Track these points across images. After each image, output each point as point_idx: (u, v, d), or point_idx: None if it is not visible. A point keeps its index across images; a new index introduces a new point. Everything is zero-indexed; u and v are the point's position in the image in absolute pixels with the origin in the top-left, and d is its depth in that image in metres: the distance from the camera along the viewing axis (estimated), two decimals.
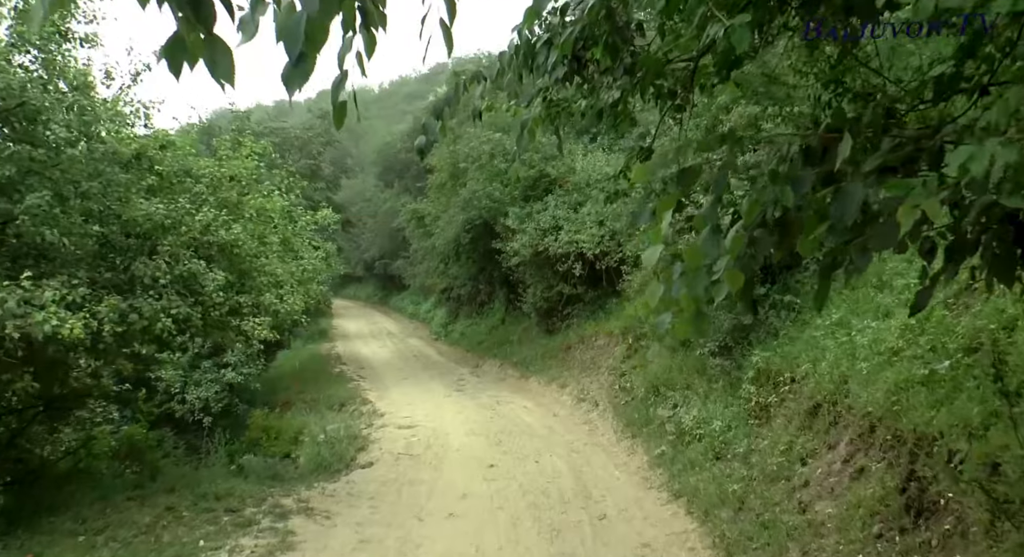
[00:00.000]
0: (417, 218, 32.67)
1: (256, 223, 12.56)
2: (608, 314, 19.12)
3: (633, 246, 14.72)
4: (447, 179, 26.10)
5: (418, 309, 44.60)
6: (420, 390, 19.20)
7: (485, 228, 23.97)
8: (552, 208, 19.54)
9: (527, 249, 19.36)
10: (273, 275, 12.34)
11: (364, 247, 55.74)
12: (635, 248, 13.56)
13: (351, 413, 16.79)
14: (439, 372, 22.73)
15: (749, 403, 9.62)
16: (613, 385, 15.62)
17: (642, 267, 13.54)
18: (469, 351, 27.37)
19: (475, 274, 27.98)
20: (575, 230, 18.79)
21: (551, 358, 20.12)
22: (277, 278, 12.59)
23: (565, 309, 20.65)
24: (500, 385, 19.99)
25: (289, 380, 21.33)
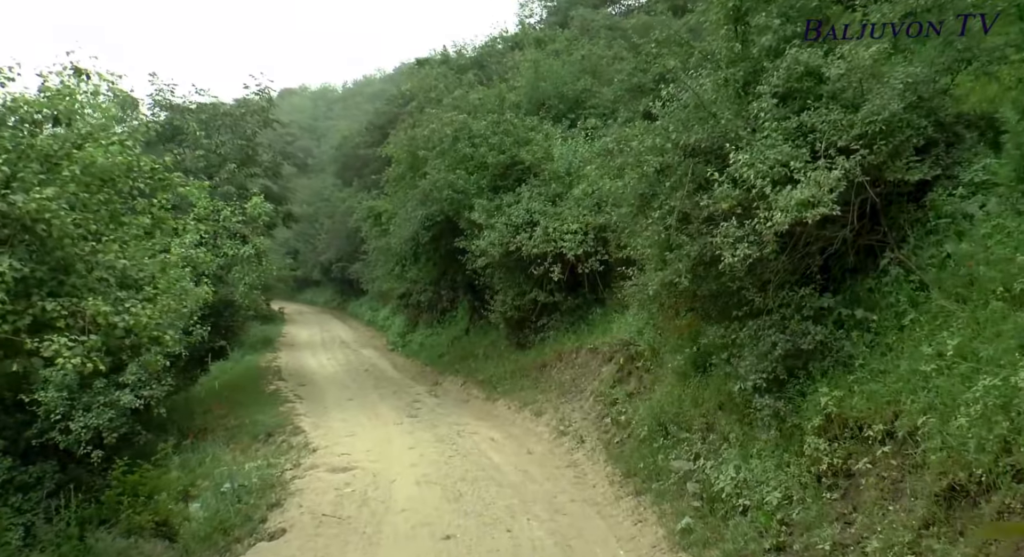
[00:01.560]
0: (374, 216, 29.59)
1: (86, 186, 8.77)
2: (591, 326, 16.20)
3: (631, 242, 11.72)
4: (405, 170, 23.06)
5: (376, 316, 41.57)
6: (367, 414, 16.09)
7: (447, 225, 20.95)
8: (526, 200, 16.58)
9: (496, 248, 16.37)
10: (115, 270, 8.63)
11: (321, 249, 52.62)
12: (633, 245, 10.64)
13: (277, 447, 13.63)
14: (392, 390, 19.62)
15: (818, 464, 6.70)
16: (602, 416, 12.67)
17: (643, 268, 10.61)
18: (428, 365, 24.31)
19: (436, 278, 24.94)
20: (553, 226, 15.84)
21: (523, 377, 17.13)
22: (124, 275, 8.99)
23: (540, 319, 17.68)
24: (463, 409, 16.95)
25: (214, 400, 18.10)
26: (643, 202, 8.90)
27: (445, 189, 18.07)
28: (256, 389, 19.29)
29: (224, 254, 15.61)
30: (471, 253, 18.06)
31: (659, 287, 8.19)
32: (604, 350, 14.58)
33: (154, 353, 10.22)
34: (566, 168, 16.93)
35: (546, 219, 15.95)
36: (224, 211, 15.49)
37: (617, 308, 16.15)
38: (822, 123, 7.48)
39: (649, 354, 12.36)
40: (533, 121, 19.11)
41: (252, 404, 17.23)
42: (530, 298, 17.28)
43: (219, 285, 16.38)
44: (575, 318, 17.12)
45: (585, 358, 15.35)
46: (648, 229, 8.60)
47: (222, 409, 16.75)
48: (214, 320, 16.80)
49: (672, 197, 8.31)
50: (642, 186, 8.82)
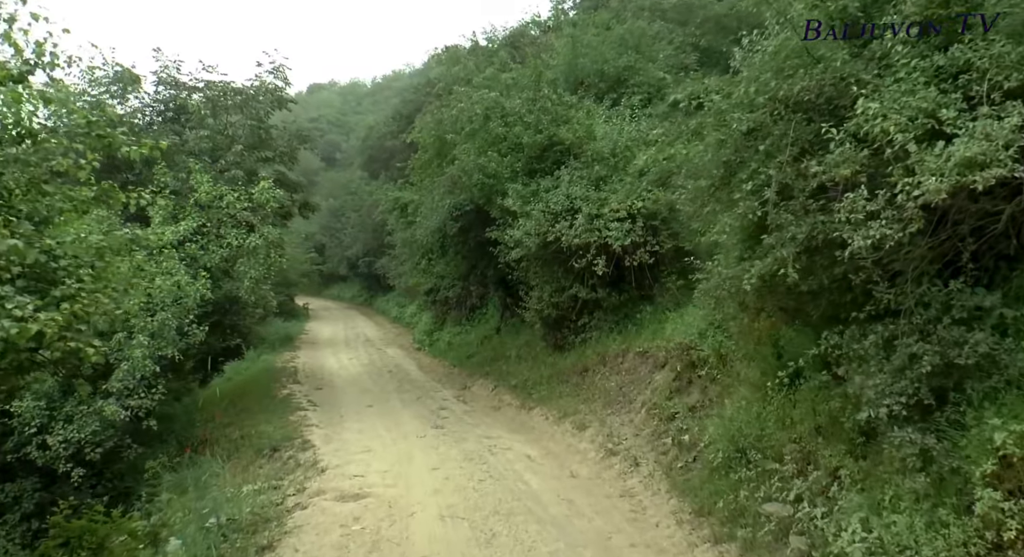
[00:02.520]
0: (399, 207, 27.95)
1: None
2: (639, 327, 14.32)
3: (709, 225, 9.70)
4: (432, 157, 21.29)
5: (402, 312, 39.99)
6: (386, 425, 14.32)
7: (477, 215, 19.20)
8: (566, 185, 14.70)
9: (532, 239, 14.52)
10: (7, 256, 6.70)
11: (347, 243, 51.19)
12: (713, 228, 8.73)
13: (282, 464, 11.93)
14: (416, 396, 17.86)
15: (997, 529, 4.79)
16: (659, 433, 10.81)
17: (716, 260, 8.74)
18: (456, 366, 22.54)
19: (465, 272, 23.19)
20: (597, 213, 13.97)
21: (561, 383, 15.29)
22: (31, 264, 7.11)
23: (580, 318, 15.81)
24: (494, 418, 15.15)
25: (218, 407, 16.47)
26: (727, 173, 7.01)
27: (475, 174, 16.24)
28: (267, 393, 17.63)
29: (228, 244, 13.93)
30: (503, 244, 16.26)
31: (756, 280, 6.25)
32: (656, 354, 12.73)
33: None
34: (611, 149, 15.03)
35: (589, 205, 14.08)
36: (227, 196, 13.81)
37: (669, 306, 14.29)
38: (981, 60, 5.54)
39: (715, 361, 10.48)
40: (572, 99, 17.20)
41: (260, 411, 15.55)
42: (570, 294, 15.43)
43: (225, 280, 14.70)
44: (620, 317, 15.25)
45: (633, 363, 13.50)
46: (736, 206, 6.67)
47: (227, 417, 15.11)
48: (217, 318, 15.14)
49: (767, 164, 6.42)
50: (726, 152, 6.92)
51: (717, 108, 6.96)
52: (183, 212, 14.17)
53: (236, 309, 15.33)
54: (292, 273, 35.23)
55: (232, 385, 20.48)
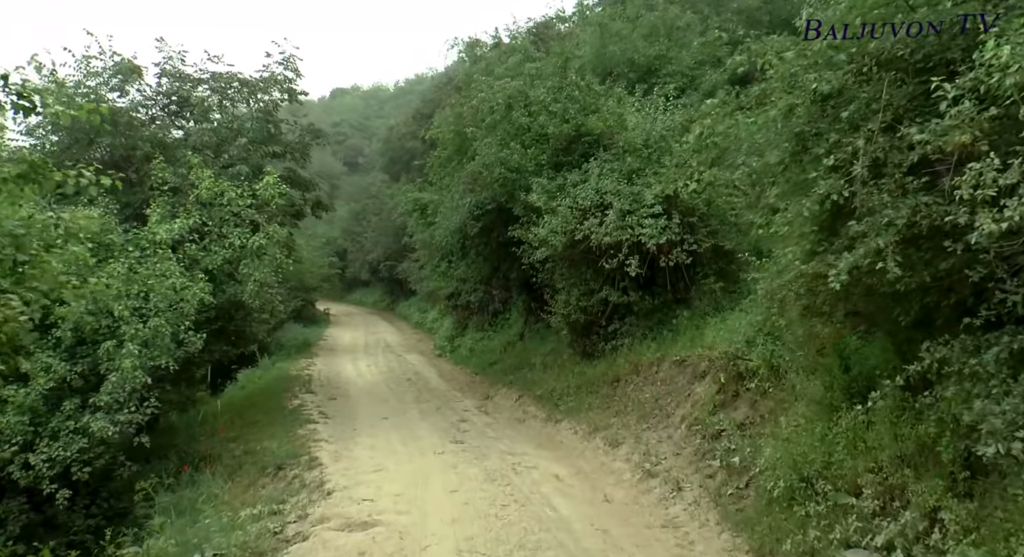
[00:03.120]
0: (419, 209, 26.92)
1: None
2: (676, 333, 13.14)
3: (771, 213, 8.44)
4: (452, 154, 20.23)
5: (424, 318, 39.06)
6: (402, 439, 13.23)
7: (499, 214, 18.08)
8: (595, 178, 13.54)
9: (558, 237, 13.38)
10: None
11: (368, 247, 50.40)
12: (759, 226, 7.55)
13: (287, 484, 10.85)
14: (435, 406, 16.76)
15: None
16: (703, 452, 9.62)
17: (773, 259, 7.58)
18: (478, 374, 21.45)
19: (487, 275, 22.04)
20: (630, 209, 12.82)
21: (590, 393, 14.13)
22: None
23: (611, 324, 14.63)
24: (518, 431, 14.01)
25: (224, 419, 15.47)
26: (799, 146, 5.81)
27: (496, 168, 15.12)
28: (277, 404, 16.59)
29: (231, 245, 12.91)
30: (527, 244, 15.14)
31: (845, 277, 5.04)
32: (696, 363, 11.54)
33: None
34: (643, 139, 13.86)
35: (621, 200, 12.92)
36: (228, 192, 12.78)
37: (708, 310, 13.11)
38: None
39: (766, 373, 9.27)
40: (601, 87, 16.04)
41: (268, 424, 14.51)
42: (599, 298, 14.28)
43: (229, 283, 13.68)
44: (653, 323, 14.07)
45: (670, 372, 12.32)
46: (812, 186, 5.47)
47: (232, 431, 14.09)
48: (221, 324, 14.12)
49: (852, 135, 5.22)
50: (798, 122, 5.73)
51: (785, 72, 5.77)
52: (184, 210, 13.17)
53: (242, 315, 14.29)
54: (309, 277, 34.31)
55: (242, 395, 19.53)
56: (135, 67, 15.53)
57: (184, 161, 13.60)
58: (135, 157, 14.47)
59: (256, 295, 12.94)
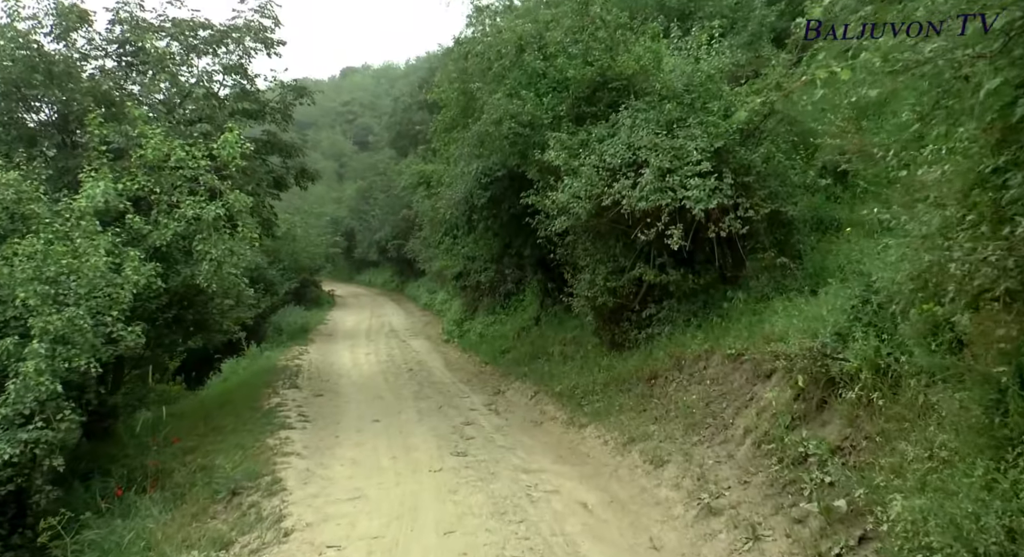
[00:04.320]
0: (424, 181, 24.59)
1: None
2: (728, 320, 10.71)
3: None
4: (456, 116, 17.82)
5: (432, 299, 36.80)
6: (392, 450, 10.90)
7: (511, 183, 15.72)
8: (627, 130, 11.05)
9: (581, 204, 10.92)
10: None
11: (375, 226, 48.15)
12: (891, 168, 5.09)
13: (239, 516, 8.52)
14: (437, 404, 14.40)
15: None
16: (782, 482, 7.20)
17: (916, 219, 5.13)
18: (488, 363, 19.07)
19: (498, 253, 19.66)
20: (671, 167, 10.33)
21: (621, 391, 11.74)
22: None
23: (645, 308, 12.21)
24: (534, 438, 11.63)
25: (190, 421, 13.17)
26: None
27: (506, 122, 12.61)
28: (252, 404, 14.24)
29: (181, 217, 10.53)
30: (543, 214, 12.76)
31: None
32: (758, 359, 9.11)
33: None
34: (685, 83, 11.34)
35: (659, 156, 10.43)
36: (176, 152, 10.37)
37: (768, 292, 10.66)
38: None
39: (871, 378, 6.78)
40: (633, 21, 13.44)
41: (235, 430, 12.19)
42: (631, 277, 11.86)
43: (186, 263, 11.31)
44: (697, 307, 11.65)
45: (721, 369, 9.91)
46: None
47: (192, 438, 11.79)
48: (177, 312, 11.75)
49: None
50: None
51: None
52: (127, 175, 10.80)
53: (203, 300, 11.93)
54: (305, 256, 31.94)
55: (216, 392, 17.29)
56: (81, 12, 13.10)
57: (131, 118, 11.17)
58: (74, 114, 12.06)
59: (212, 277, 10.52)
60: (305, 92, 16.11)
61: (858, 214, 12.94)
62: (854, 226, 12.44)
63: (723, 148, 10.42)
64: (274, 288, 25.88)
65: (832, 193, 13.25)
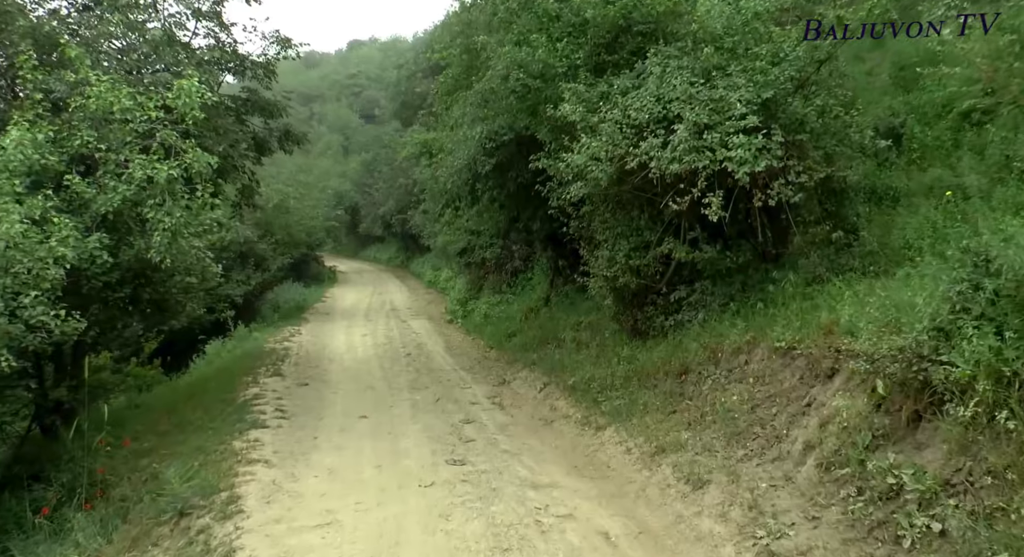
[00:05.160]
0: (426, 151, 22.93)
1: None
2: (774, 305, 9.04)
3: None
4: (459, 76, 16.06)
5: (437, 276, 35.21)
6: (377, 456, 9.32)
7: (518, 149, 14.09)
8: (656, 80, 9.30)
9: (602, 167, 9.21)
10: None
11: (379, 200, 46.50)
12: None
13: (186, 544, 6.95)
14: (434, 396, 12.79)
15: None
16: (867, 522, 5.53)
17: None
18: (493, 347, 17.47)
19: (504, 226, 18.01)
20: (709, 122, 8.60)
21: (646, 387, 10.12)
22: None
23: (673, 290, 10.53)
24: (543, 441, 10.02)
25: (152, 417, 11.62)
26: None
27: (514, 72, 10.85)
28: (227, 394, 12.63)
29: (130, 178, 8.88)
30: (555, 181, 11.07)
31: None
32: (816, 356, 7.45)
33: None
34: (724, 25, 9.56)
35: (696, 110, 8.68)
36: (120, 101, 8.69)
37: (822, 273, 8.99)
38: None
39: (992, 391, 5.10)
40: None
41: (199, 428, 10.58)
42: (658, 254, 10.19)
43: (140, 234, 9.66)
44: (735, 289, 9.98)
45: (769, 365, 8.26)
46: None
47: (147, 439, 10.22)
48: (130, 292, 10.10)
49: None
50: None
51: None
52: (66, 128, 9.14)
53: (162, 278, 10.31)
54: (300, 230, 30.23)
55: (190, 380, 15.73)
56: None
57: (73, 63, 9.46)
58: (10, 59, 10.37)
59: (166, 249, 8.87)
60: (290, 44, 14.36)
61: (918, 181, 11.29)
62: (913, 195, 10.79)
63: (772, 100, 8.68)
64: (265, 263, 24.26)
65: (884, 158, 11.57)
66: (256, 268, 23.67)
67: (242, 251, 23.43)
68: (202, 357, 19.19)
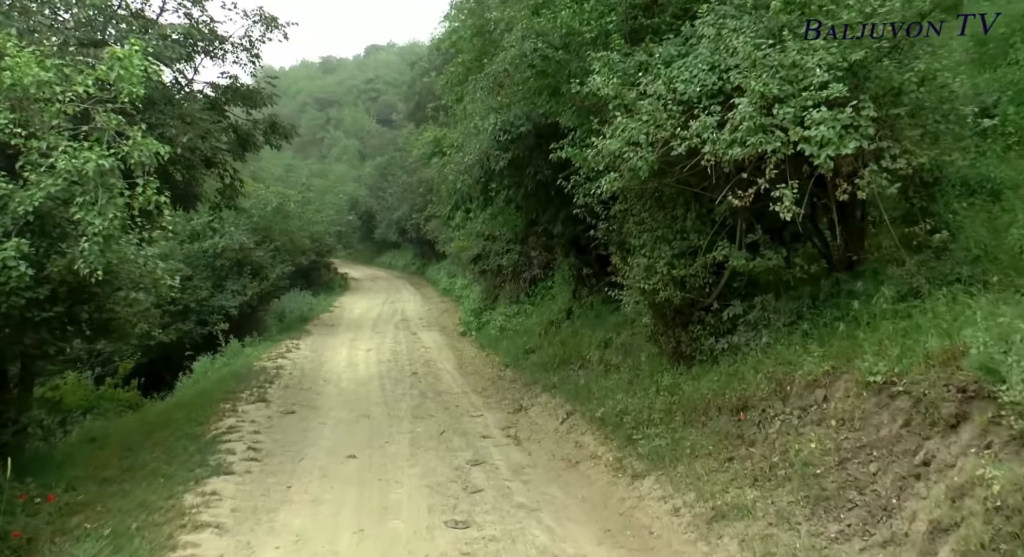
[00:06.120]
0: (439, 151, 21.18)
1: None
2: (856, 326, 7.11)
3: None
4: (471, 62, 14.32)
5: (452, 284, 33.39)
6: (361, 516, 7.49)
7: (537, 142, 12.34)
8: (709, 44, 7.43)
9: (641, 154, 7.33)
10: None
11: (393, 205, 44.82)
12: None
13: None
14: (438, 427, 10.95)
15: None
16: None
17: None
18: (509, 365, 15.60)
19: (522, 231, 16.18)
20: (779, 94, 6.71)
21: (693, 425, 8.25)
22: None
23: (727, 306, 8.62)
24: (568, 492, 8.15)
25: (106, 456, 9.85)
26: None
27: (530, 42, 9.00)
28: (197, 425, 10.82)
29: (51, 169, 7.14)
30: (581, 173, 9.22)
31: None
32: (929, 395, 5.56)
33: None
34: None
35: (762, 79, 6.79)
36: (34, 73, 6.95)
37: (921, 284, 7.11)
38: None
39: None
40: None
41: (152, 473, 8.75)
42: (707, 261, 8.29)
43: (73, 240, 7.86)
44: (803, 305, 8.05)
45: (858, 405, 6.40)
46: None
47: (82, 490, 8.42)
48: (62, 310, 8.30)
49: None
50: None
51: None
52: None
53: (109, 292, 8.53)
54: (303, 235, 28.41)
55: (165, 406, 13.99)
56: None
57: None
58: None
59: (97, 260, 7.09)
60: (276, 24, 12.60)
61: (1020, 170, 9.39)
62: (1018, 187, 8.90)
63: (861, 62, 6.78)
64: (264, 272, 22.51)
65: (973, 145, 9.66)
66: (253, 277, 21.96)
67: (238, 259, 21.72)
68: (190, 375, 17.47)
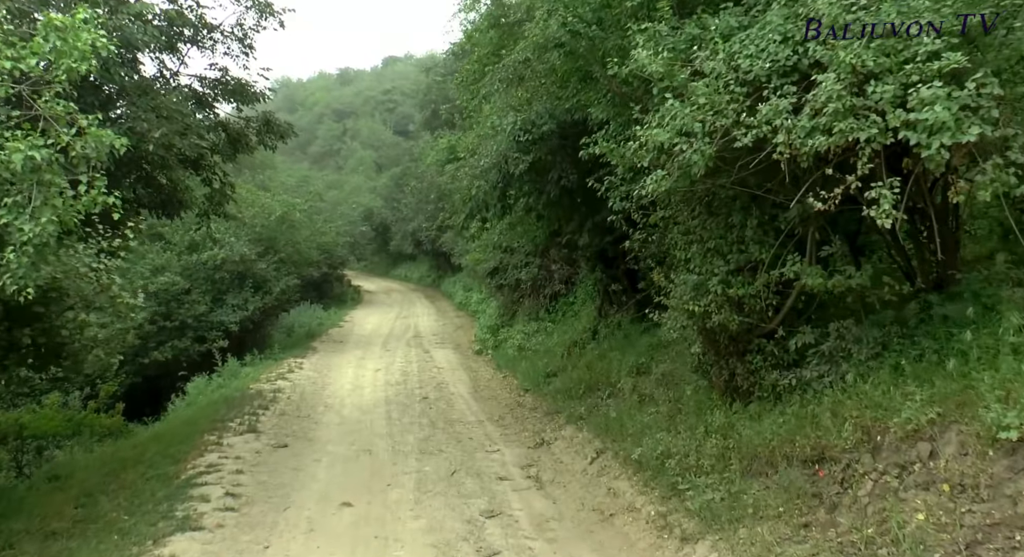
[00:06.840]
0: (452, 158, 19.96)
1: None
2: (965, 363, 5.64)
3: None
4: (487, 56, 13.03)
5: (468, 298, 32.09)
6: None
7: (561, 141, 11.00)
8: (782, 9, 6.04)
9: (698, 146, 5.92)
10: None
11: (407, 216, 43.70)
12: None
13: None
14: (450, 465, 9.53)
15: None
16: None
17: None
18: (529, 390, 14.16)
19: (543, 242, 14.80)
20: (874, 69, 5.30)
21: (755, 475, 6.78)
22: None
23: (795, 333, 7.15)
24: (601, 554, 6.71)
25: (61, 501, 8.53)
26: None
27: (557, 19, 7.63)
28: (173, 462, 9.46)
29: None
30: (617, 174, 7.82)
31: None
32: None
33: None
34: None
35: (851, 50, 5.39)
36: None
37: None
38: None
39: None
40: None
41: (107, 526, 7.35)
42: (770, 278, 6.85)
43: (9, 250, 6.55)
44: (891, 334, 6.59)
45: (982, 467, 4.97)
46: None
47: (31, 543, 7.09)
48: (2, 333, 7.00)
49: None
50: None
51: None
52: None
53: (55, 312, 7.23)
54: (310, 247, 27.05)
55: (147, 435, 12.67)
56: None
57: None
58: None
59: (27, 274, 5.79)
60: (271, 10, 11.32)
61: None
62: None
63: (979, 27, 5.36)
64: (267, 285, 21.19)
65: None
66: (256, 290, 20.65)
67: (239, 271, 20.41)
68: (183, 398, 16.16)
